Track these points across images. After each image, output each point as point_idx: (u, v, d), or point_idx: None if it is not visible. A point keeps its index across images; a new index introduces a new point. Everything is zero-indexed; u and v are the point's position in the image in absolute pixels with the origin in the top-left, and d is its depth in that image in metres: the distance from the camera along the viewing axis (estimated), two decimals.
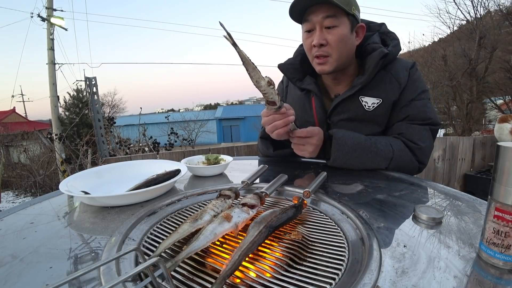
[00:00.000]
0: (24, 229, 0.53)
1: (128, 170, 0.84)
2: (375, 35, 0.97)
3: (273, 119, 0.79)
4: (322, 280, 0.37)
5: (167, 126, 5.51)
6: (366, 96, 0.93)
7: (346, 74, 0.97)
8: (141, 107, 5.93)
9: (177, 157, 2.16)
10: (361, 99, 0.94)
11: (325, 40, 0.86)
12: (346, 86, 0.98)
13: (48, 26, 6.50)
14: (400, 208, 0.57)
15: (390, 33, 0.98)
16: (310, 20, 0.86)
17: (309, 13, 0.86)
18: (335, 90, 1.02)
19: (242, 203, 0.51)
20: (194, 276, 0.39)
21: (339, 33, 0.85)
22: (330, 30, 0.85)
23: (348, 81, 0.98)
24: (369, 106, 0.93)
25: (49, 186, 4.94)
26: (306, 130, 0.84)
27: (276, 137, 0.83)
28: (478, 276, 0.36)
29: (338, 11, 0.84)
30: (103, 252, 0.43)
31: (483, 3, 6.41)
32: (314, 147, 0.85)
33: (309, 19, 0.86)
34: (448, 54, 6.86)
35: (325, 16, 0.84)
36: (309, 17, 0.86)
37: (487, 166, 3.10)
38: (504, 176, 0.36)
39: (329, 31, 0.85)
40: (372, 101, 0.93)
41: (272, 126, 0.79)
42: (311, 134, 0.85)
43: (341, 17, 0.85)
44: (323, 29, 0.86)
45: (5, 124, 11.72)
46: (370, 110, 0.94)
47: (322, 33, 0.86)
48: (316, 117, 1.03)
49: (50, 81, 6.51)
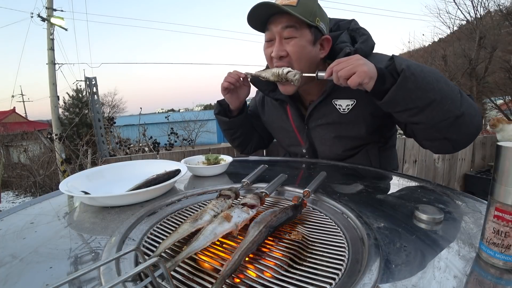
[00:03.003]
0: (24, 229, 0.53)
1: (128, 170, 0.84)
2: (343, 33, 0.92)
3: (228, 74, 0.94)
4: (322, 280, 0.37)
5: (167, 126, 5.51)
6: (339, 99, 0.91)
7: (315, 84, 0.93)
8: (141, 107, 5.94)
9: (177, 157, 2.16)
10: (334, 102, 0.92)
11: (284, 51, 0.83)
12: (318, 94, 0.96)
13: (48, 26, 6.50)
14: (400, 208, 0.57)
15: (359, 29, 0.93)
16: (270, 30, 0.84)
17: (270, 22, 0.84)
18: (309, 97, 1.01)
19: (242, 203, 0.51)
20: (194, 276, 0.39)
21: (298, 44, 0.82)
22: (289, 41, 0.82)
23: (320, 87, 0.95)
24: (344, 108, 0.91)
25: (49, 186, 4.93)
26: (343, 58, 0.73)
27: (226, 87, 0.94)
28: (478, 276, 0.36)
29: (299, 22, 0.80)
30: (103, 252, 0.43)
31: (483, 3, 6.42)
32: (362, 62, 0.69)
33: (270, 28, 0.84)
34: (448, 54, 6.87)
35: (285, 26, 0.81)
36: (269, 26, 0.84)
37: (487, 166, 3.09)
38: (504, 176, 0.36)
39: (288, 42, 0.83)
40: (346, 103, 0.90)
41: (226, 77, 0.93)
42: (351, 56, 0.73)
43: (302, 29, 0.81)
44: (282, 40, 0.83)
45: (5, 124, 11.72)
46: (345, 112, 0.91)
47: (281, 44, 0.83)
48: (294, 125, 1.03)
49: (50, 81, 6.51)
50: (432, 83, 0.68)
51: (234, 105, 1.04)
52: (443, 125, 0.73)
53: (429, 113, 0.70)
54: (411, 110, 0.71)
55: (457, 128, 0.74)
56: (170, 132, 5.16)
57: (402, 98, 0.69)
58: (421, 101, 0.69)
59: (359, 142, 0.96)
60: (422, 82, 0.67)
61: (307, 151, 1.06)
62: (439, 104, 0.69)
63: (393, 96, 0.69)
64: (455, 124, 0.72)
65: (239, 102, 1.04)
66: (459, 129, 0.74)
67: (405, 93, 0.68)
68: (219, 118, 1.11)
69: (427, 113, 0.71)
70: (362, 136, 0.94)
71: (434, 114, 0.71)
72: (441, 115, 0.71)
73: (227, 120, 1.09)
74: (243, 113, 1.10)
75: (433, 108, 0.69)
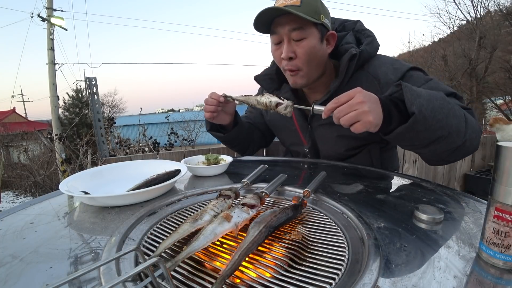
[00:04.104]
0: (24, 229, 0.53)
1: (128, 170, 0.84)
2: (348, 34, 0.93)
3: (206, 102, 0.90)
4: (322, 280, 0.37)
5: (167, 126, 5.50)
6: None
7: (321, 81, 0.94)
8: (141, 107, 5.94)
9: (177, 157, 2.16)
10: None
11: (293, 53, 0.83)
12: (323, 92, 0.96)
13: (48, 26, 6.50)
14: (400, 208, 0.57)
15: (364, 30, 0.93)
16: (277, 33, 0.83)
17: (276, 24, 0.82)
18: (313, 97, 1.01)
19: (242, 203, 0.51)
20: (194, 276, 0.39)
21: (308, 45, 0.82)
22: (299, 43, 0.82)
23: (325, 87, 0.95)
24: None
25: (49, 186, 4.93)
26: (342, 95, 0.64)
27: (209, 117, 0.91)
28: (478, 276, 0.36)
29: (306, 22, 0.80)
30: (103, 252, 0.43)
31: (483, 3, 6.42)
32: (367, 109, 0.60)
33: (277, 31, 0.83)
34: (448, 54, 6.87)
35: (292, 29, 0.80)
36: (276, 29, 0.83)
37: (487, 166, 3.09)
38: (504, 176, 0.36)
39: (297, 44, 0.82)
40: None
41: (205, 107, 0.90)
42: (351, 94, 0.63)
43: (309, 28, 0.81)
44: (291, 41, 0.83)
45: (5, 124, 11.71)
46: None
47: (290, 45, 0.83)
48: (297, 124, 1.03)
49: (50, 81, 6.51)
50: (441, 121, 0.65)
51: (225, 122, 0.99)
52: (444, 154, 0.73)
53: (433, 147, 0.70)
54: (416, 145, 0.71)
55: (457, 153, 0.74)
56: (170, 132, 5.16)
57: (409, 138, 0.67)
58: (427, 140, 0.67)
59: (361, 141, 0.97)
60: (432, 123, 0.63)
61: (309, 150, 1.06)
62: (445, 139, 0.68)
63: (400, 136, 0.66)
64: (455, 152, 0.73)
65: (229, 119, 0.99)
66: (458, 154, 0.75)
67: (412, 134, 0.65)
68: (213, 134, 1.07)
69: (431, 147, 0.70)
70: (364, 136, 0.93)
71: (437, 147, 0.70)
72: (445, 147, 0.70)
73: (221, 135, 1.05)
74: (237, 124, 1.04)
75: (438, 143, 0.68)
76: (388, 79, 0.85)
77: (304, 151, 1.09)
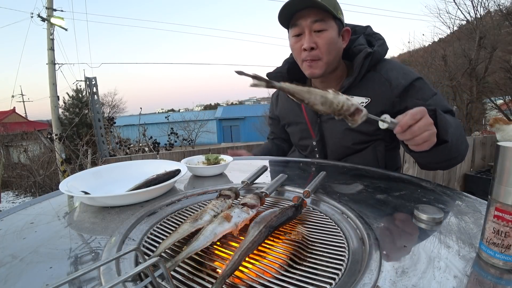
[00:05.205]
0: (24, 229, 0.53)
1: (128, 170, 0.84)
2: (360, 37, 0.99)
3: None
4: (322, 280, 0.37)
5: (167, 126, 5.51)
6: (354, 95, 0.94)
7: (334, 76, 0.99)
8: (141, 107, 5.95)
9: (177, 157, 2.16)
10: None
11: (315, 44, 0.88)
12: (336, 87, 1.00)
13: (48, 26, 6.49)
14: (400, 208, 0.57)
15: (375, 34, 1.00)
16: (299, 25, 0.88)
17: (298, 17, 0.87)
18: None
19: (242, 203, 0.51)
20: (194, 276, 0.39)
21: (328, 37, 0.87)
22: (320, 34, 0.87)
23: (336, 83, 1.00)
24: None
25: (49, 186, 4.93)
26: (410, 114, 0.61)
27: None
28: (478, 276, 0.36)
29: (326, 15, 0.86)
30: (103, 252, 0.43)
31: (483, 3, 6.41)
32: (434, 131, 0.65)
33: (298, 23, 0.88)
34: (448, 54, 6.86)
35: (314, 20, 0.86)
36: (297, 22, 0.88)
37: (487, 166, 3.10)
38: (504, 176, 0.36)
39: (318, 35, 0.87)
40: (361, 100, 0.94)
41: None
42: (423, 112, 0.62)
43: (329, 21, 0.87)
44: (312, 33, 0.88)
45: (5, 124, 11.72)
46: None
47: (311, 36, 0.88)
48: (307, 117, 1.07)
49: (50, 81, 6.50)
50: (458, 147, 0.76)
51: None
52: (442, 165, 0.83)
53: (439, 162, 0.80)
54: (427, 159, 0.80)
55: (451, 165, 0.84)
56: (170, 132, 5.17)
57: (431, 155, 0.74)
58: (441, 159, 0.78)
59: (367, 137, 0.99)
60: (453, 149, 0.75)
61: (317, 144, 1.08)
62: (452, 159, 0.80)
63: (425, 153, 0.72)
64: (450, 164, 0.83)
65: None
66: (451, 165, 0.85)
67: (437, 153, 0.73)
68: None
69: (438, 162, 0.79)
70: (370, 132, 0.97)
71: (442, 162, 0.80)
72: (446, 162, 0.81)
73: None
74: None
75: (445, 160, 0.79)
76: (398, 83, 0.90)
77: (312, 144, 1.10)
